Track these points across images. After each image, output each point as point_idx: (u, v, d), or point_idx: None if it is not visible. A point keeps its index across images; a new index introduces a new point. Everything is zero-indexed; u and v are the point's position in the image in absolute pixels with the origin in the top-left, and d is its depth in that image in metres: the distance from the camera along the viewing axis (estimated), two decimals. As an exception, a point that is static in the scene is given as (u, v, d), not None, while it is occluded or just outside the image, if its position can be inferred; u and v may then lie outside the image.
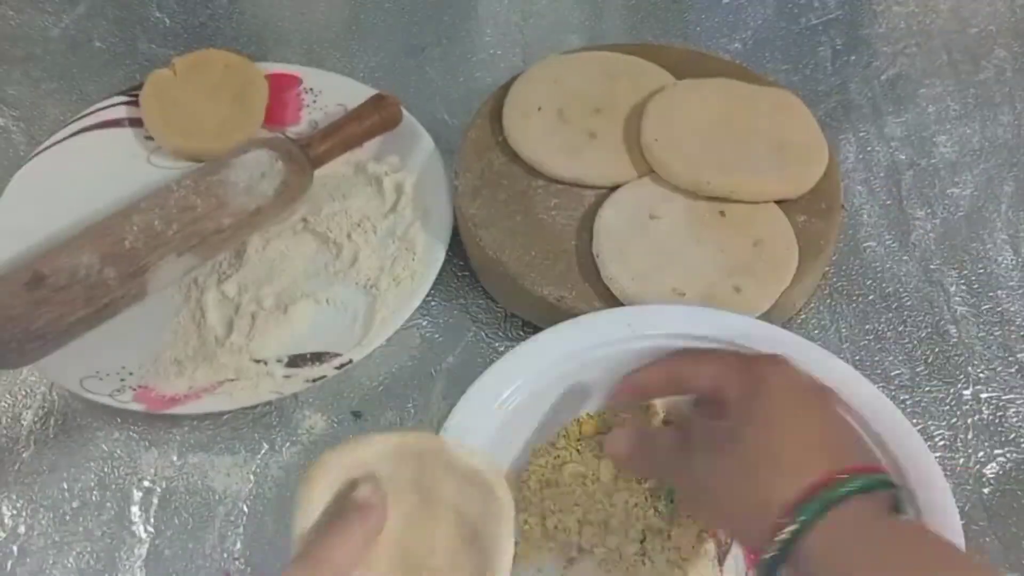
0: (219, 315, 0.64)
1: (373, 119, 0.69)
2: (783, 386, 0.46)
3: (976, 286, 0.67)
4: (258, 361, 0.61)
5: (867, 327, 0.65)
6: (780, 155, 0.65)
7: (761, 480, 0.42)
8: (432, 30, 0.84)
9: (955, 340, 0.64)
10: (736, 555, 0.54)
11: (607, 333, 0.54)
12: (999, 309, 0.66)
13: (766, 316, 0.60)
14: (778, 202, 0.64)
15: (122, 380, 0.60)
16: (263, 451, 0.60)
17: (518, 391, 0.52)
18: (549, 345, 0.54)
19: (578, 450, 0.54)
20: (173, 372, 0.61)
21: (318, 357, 0.62)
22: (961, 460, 0.59)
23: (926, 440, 0.52)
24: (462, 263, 0.68)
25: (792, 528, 0.40)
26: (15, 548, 0.57)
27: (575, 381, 0.54)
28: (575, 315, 0.57)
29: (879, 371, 0.63)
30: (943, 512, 0.47)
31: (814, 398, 0.46)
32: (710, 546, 0.54)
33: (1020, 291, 0.67)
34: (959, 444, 0.60)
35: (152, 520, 0.58)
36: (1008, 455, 0.59)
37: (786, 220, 0.63)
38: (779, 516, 0.40)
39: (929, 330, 0.65)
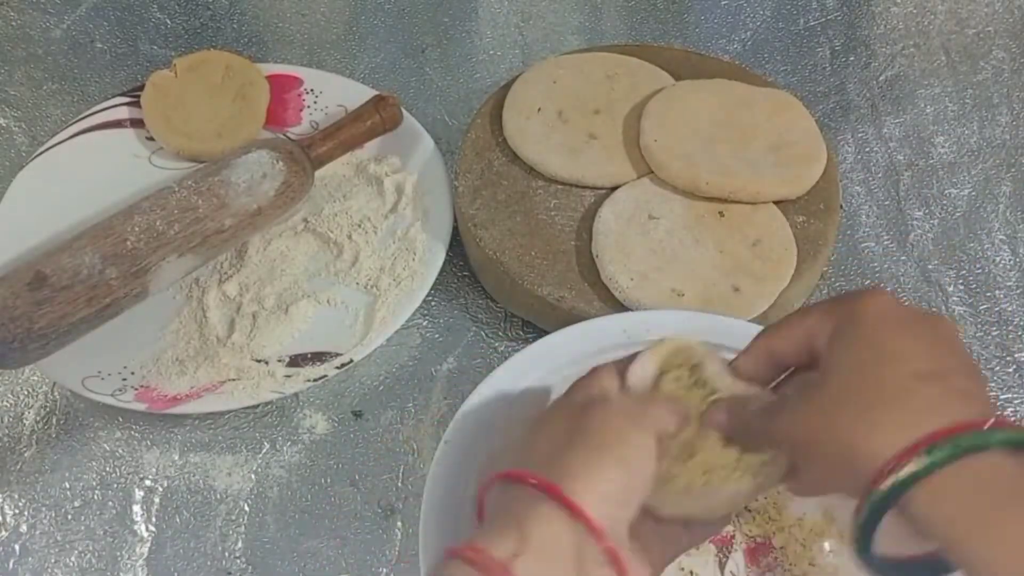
0: (220, 315, 0.64)
1: (373, 120, 0.70)
2: (882, 312, 0.39)
3: (974, 286, 0.67)
4: (259, 361, 0.62)
5: (865, 327, 0.65)
6: (779, 156, 0.65)
7: (861, 412, 0.36)
8: (432, 31, 0.84)
9: (953, 340, 0.65)
10: (736, 558, 0.54)
11: (607, 338, 0.54)
12: (997, 309, 0.66)
13: (765, 316, 0.60)
14: (777, 202, 0.64)
15: (124, 380, 0.61)
16: (264, 450, 0.60)
17: (518, 399, 0.52)
18: (552, 350, 0.54)
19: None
20: (175, 372, 0.61)
21: (319, 357, 0.62)
22: (959, 459, 0.59)
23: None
24: (462, 263, 0.68)
25: (912, 470, 0.34)
26: (17, 547, 0.57)
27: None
28: (575, 315, 0.57)
29: (877, 371, 0.63)
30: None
31: (924, 323, 0.39)
32: (710, 547, 0.55)
33: (1018, 291, 0.67)
34: (957, 443, 0.60)
35: (154, 519, 0.58)
36: (1006, 454, 0.59)
37: (785, 220, 0.63)
38: (892, 455, 0.35)
39: (927, 330, 0.65)
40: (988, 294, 0.67)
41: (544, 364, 0.53)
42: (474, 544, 0.36)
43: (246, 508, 0.58)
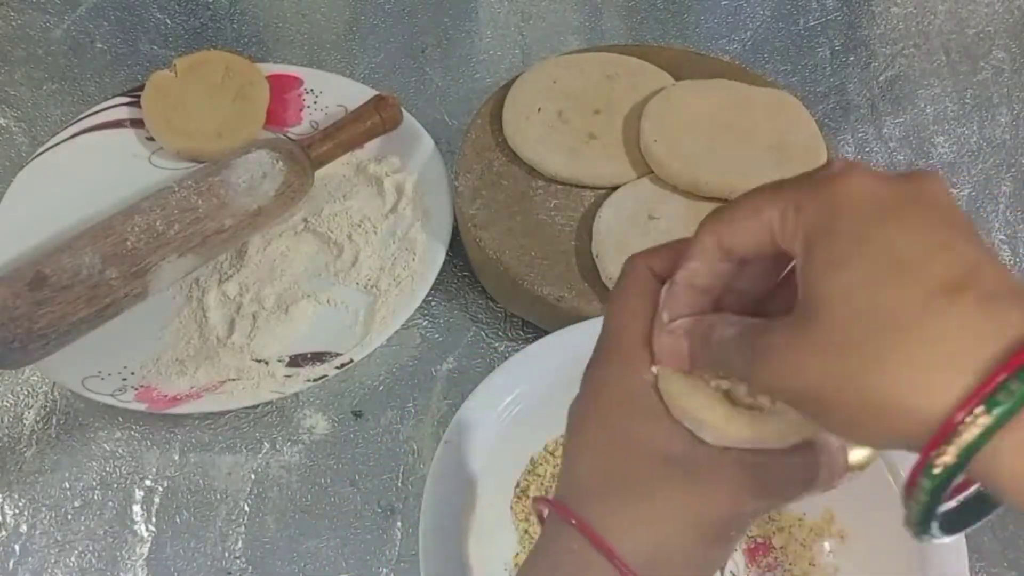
0: (220, 315, 0.64)
1: (374, 120, 0.70)
2: (867, 199, 0.29)
3: (974, 286, 0.67)
4: (259, 361, 0.62)
5: (865, 327, 0.65)
6: (779, 156, 0.65)
7: (885, 354, 0.27)
8: (432, 31, 0.84)
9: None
10: (736, 558, 0.54)
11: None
12: (997, 309, 0.66)
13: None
14: (777, 202, 0.64)
15: (124, 380, 0.61)
16: (264, 450, 0.60)
17: (517, 400, 0.52)
18: (552, 350, 0.54)
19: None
20: (175, 372, 0.61)
21: (319, 357, 0.62)
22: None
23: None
24: (462, 263, 0.68)
25: (981, 428, 0.25)
26: (17, 547, 0.57)
27: (574, 390, 0.54)
28: (575, 315, 0.57)
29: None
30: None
31: (918, 199, 0.29)
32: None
33: (1018, 291, 0.67)
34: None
35: (154, 519, 0.58)
36: (1006, 454, 0.59)
37: (785, 220, 0.63)
38: (945, 410, 0.26)
39: (927, 330, 0.65)
40: (988, 294, 0.67)
41: (544, 364, 0.53)
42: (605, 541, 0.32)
43: (246, 508, 0.58)
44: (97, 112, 0.73)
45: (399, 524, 0.57)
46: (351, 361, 0.61)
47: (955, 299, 0.27)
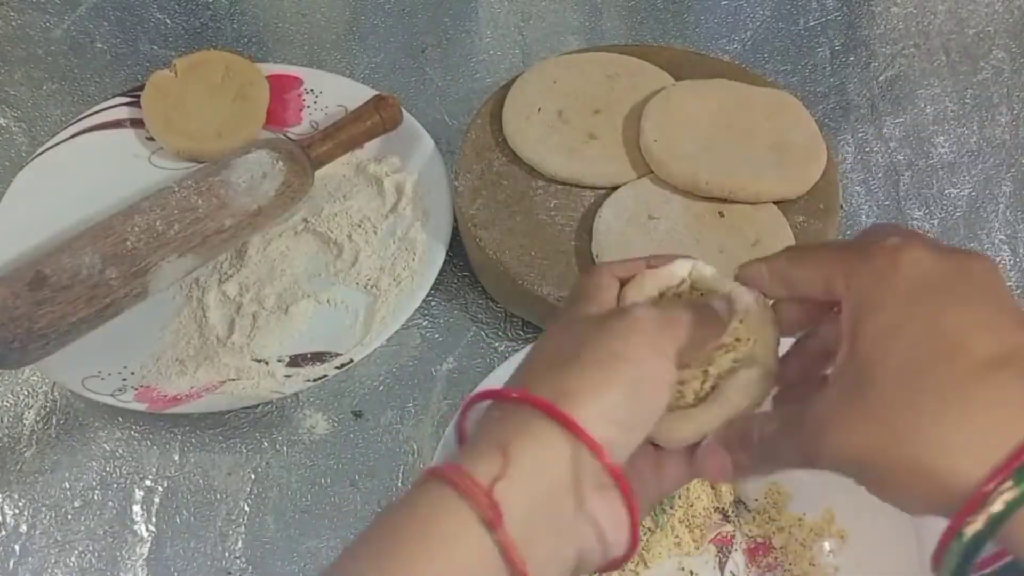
0: (220, 315, 0.64)
1: (373, 120, 0.70)
2: (921, 275, 0.31)
3: (974, 286, 0.67)
4: (259, 361, 0.62)
5: (865, 327, 0.65)
6: (779, 156, 0.65)
7: (927, 424, 0.29)
8: (432, 31, 0.84)
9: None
10: (736, 558, 0.54)
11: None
12: (997, 309, 0.66)
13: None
14: (777, 203, 0.64)
15: (124, 380, 0.61)
16: (264, 450, 0.60)
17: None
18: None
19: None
20: (175, 372, 0.61)
21: (319, 357, 0.62)
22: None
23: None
24: (462, 263, 0.68)
25: (1011, 497, 0.28)
26: (17, 547, 0.57)
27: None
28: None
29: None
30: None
31: (968, 279, 0.32)
32: (711, 548, 0.55)
33: (1018, 291, 0.67)
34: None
35: (154, 519, 0.58)
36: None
37: (785, 221, 0.63)
38: (978, 479, 0.28)
39: (927, 330, 0.65)
40: (988, 294, 0.67)
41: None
42: (455, 464, 0.33)
43: (246, 508, 0.58)
44: (97, 112, 0.73)
45: (399, 524, 0.57)
46: (351, 361, 0.61)
47: (996, 375, 0.29)
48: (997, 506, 0.28)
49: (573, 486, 0.33)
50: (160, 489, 0.59)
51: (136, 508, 0.58)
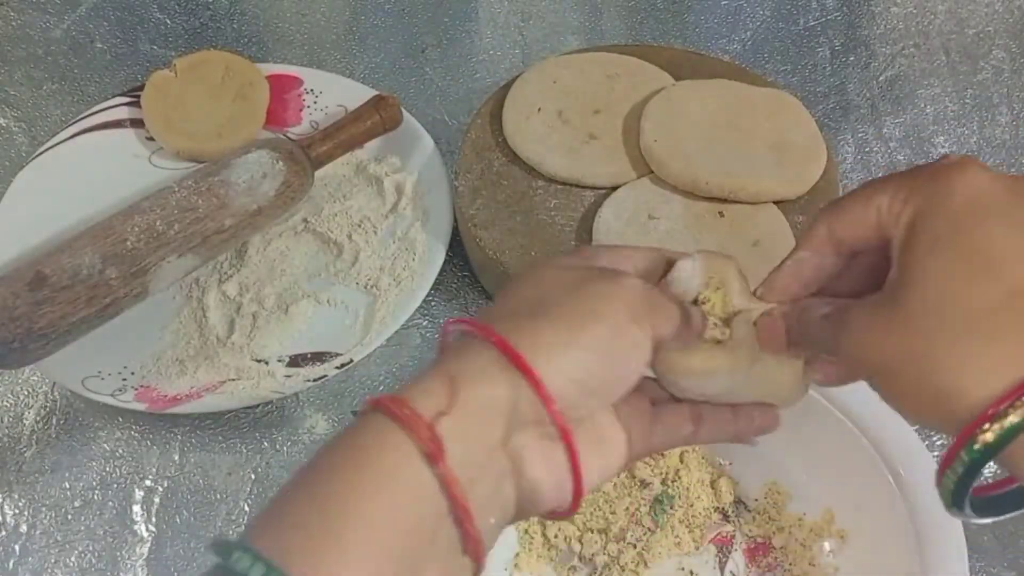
0: (220, 315, 0.64)
1: (373, 120, 0.70)
2: (974, 196, 0.31)
3: (974, 286, 0.67)
4: (259, 361, 0.62)
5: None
6: (779, 156, 0.65)
7: (951, 341, 0.30)
8: (432, 31, 0.84)
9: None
10: (736, 558, 0.54)
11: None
12: (997, 309, 0.66)
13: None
14: (777, 203, 0.64)
15: (124, 380, 0.61)
16: (264, 450, 0.60)
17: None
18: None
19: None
20: (175, 372, 0.61)
21: (319, 357, 0.62)
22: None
23: (923, 440, 0.53)
24: (462, 263, 0.68)
25: (1019, 418, 0.29)
26: (17, 547, 0.57)
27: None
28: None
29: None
30: (940, 509, 0.47)
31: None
32: (711, 548, 0.55)
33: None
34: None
35: (154, 519, 0.58)
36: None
37: (785, 221, 0.63)
38: (992, 397, 0.29)
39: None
40: (988, 294, 0.67)
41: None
42: (399, 395, 0.32)
43: (246, 508, 0.58)
44: (97, 112, 0.73)
45: (399, 524, 0.57)
46: (351, 361, 0.61)
47: None
48: (1010, 420, 0.28)
49: (517, 432, 0.32)
50: (160, 489, 0.59)
51: (136, 508, 0.58)
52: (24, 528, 0.58)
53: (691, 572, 0.54)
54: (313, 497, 0.30)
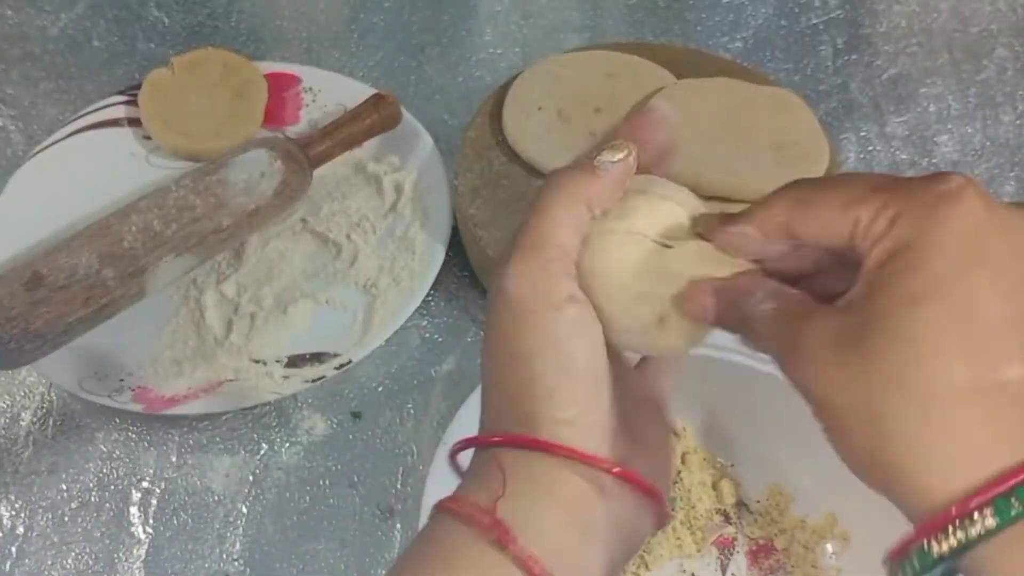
0: (218, 315, 0.63)
1: (372, 119, 0.69)
2: (967, 233, 0.27)
3: (977, 286, 0.67)
4: (257, 361, 0.61)
5: (868, 327, 0.65)
6: (781, 155, 0.65)
7: (914, 414, 0.26)
8: (432, 30, 0.84)
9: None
10: (738, 560, 0.54)
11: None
12: (1000, 309, 0.66)
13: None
14: (779, 202, 0.64)
15: (121, 380, 0.60)
16: (262, 452, 0.60)
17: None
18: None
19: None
20: (172, 372, 0.61)
21: (317, 357, 0.61)
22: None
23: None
24: (462, 263, 0.68)
25: (983, 528, 0.25)
26: (14, 549, 0.57)
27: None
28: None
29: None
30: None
31: (1014, 254, 0.27)
32: (712, 550, 0.54)
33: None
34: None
35: (151, 521, 0.58)
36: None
37: (787, 220, 0.63)
38: (953, 498, 0.26)
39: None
40: (991, 294, 0.66)
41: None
42: (455, 495, 0.32)
43: (244, 510, 0.58)
44: (94, 111, 0.73)
45: (398, 526, 0.57)
46: (350, 362, 0.60)
47: (1012, 389, 0.26)
48: (969, 533, 0.25)
49: (586, 486, 0.32)
50: (157, 491, 0.59)
51: (133, 510, 0.58)
52: (21, 530, 0.57)
53: (693, 574, 0.54)
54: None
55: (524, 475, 0.32)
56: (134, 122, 0.73)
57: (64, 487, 0.59)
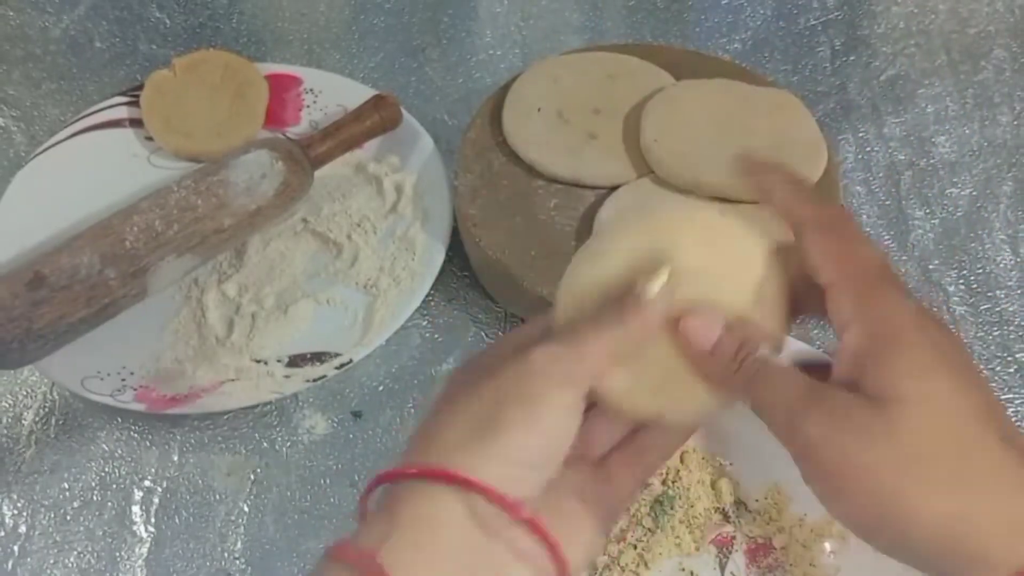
0: (219, 315, 0.64)
1: (373, 119, 0.69)
2: (920, 316, 0.31)
3: (975, 286, 0.67)
4: (258, 361, 0.61)
5: (866, 327, 0.65)
6: (779, 155, 0.65)
7: (948, 488, 0.28)
8: (432, 31, 0.84)
9: (954, 340, 0.64)
10: (737, 559, 0.54)
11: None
12: (998, 309, 0.66)
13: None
14: (777, 202, 0.64)
15: (123, 380, 0.60)
16: (263, 451, 0.60)
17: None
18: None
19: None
20: (174, 372, 0.61)
21: (318, 357, 0.62)
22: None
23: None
24: (462, 263, 0.68)
25: None
26: (16, 548, 0.57)
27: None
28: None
29: (878, 371, 0.63)
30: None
31: (966, 354, 0.31)
32: (711, 548, 0.55)
33: (1019, 291, 0.67)
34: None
35: (153, 520, 0.58)
36: (1007, 455, 0.59)
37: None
38: (1011, 568, 0.27)
39: (928, 330, 0.65)
40: (989, 294, 0.67)
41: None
42: (343, 539, 0.33)
43: (245, 509, 0.58)
44: (96, 112, 0.73)
45: (399, 525, 0.57)
46: (351, 361, 0.61)
47: (1012, 451, 0.28)
48: None
49: (476, 531, 0.32)
50: (159, 490, 0.59)
51: (135, 509, 0.58)
52: (23, 529, 0.57)
53: (692, 573, 0.54)
54: None
55: (410, 512, 0.32)
56: (136, 123, 0.73)
57: (66, 486, 0.59)
